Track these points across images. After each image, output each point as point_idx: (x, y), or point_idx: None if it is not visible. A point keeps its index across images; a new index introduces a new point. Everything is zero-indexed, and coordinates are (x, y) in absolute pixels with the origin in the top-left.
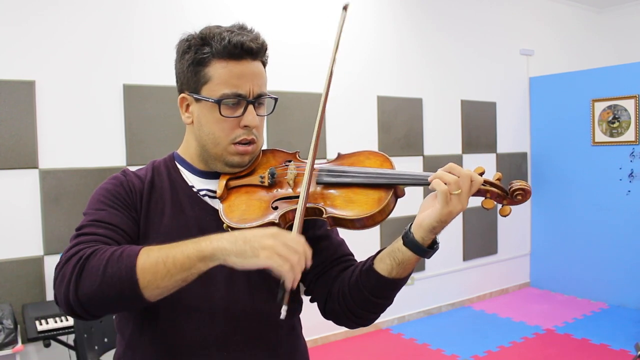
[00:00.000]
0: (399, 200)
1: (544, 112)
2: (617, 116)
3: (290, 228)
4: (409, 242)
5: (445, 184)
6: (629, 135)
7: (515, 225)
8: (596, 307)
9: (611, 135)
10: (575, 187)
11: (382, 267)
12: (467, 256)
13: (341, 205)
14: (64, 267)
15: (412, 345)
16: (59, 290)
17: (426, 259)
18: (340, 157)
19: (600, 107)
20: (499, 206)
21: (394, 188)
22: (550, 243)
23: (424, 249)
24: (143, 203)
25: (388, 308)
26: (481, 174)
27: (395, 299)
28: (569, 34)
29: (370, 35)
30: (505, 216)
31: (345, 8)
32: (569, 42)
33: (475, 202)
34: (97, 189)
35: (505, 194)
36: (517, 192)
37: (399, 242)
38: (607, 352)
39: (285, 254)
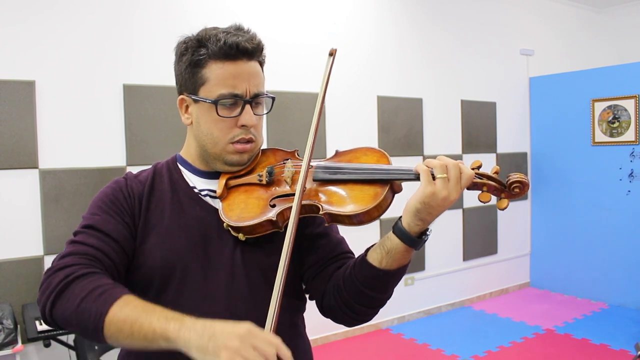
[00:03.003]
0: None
1: (544, 112)
2: (617, 116)
3: (287, 227)
4: (397, 228)
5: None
6: (629, 135)
7: (515, 225)
8: (596, 307)
9: (611, 135)
10: (575, 187)
11: (373, 256)
12: (467, 256)
13: (337, 201)
14: (52, 276)
15: (412, 345)
16: (40, 297)
17: (426, 262)
18: (337, 154)
19: (600, 107)
20: (496, 199)
21: (390, 183)
22: (550, 243)
23: (410, 237)
24: (142, 207)
25: (388, 308)
26: (478, 168)
27: (395, 299)
28: (569, 34)
29: (370, 35)
30: (502, 209)
31: (331, 54)
32: (569, 42)
33: (474, 201)
34: (98, 192)
35: (502, 187)
36: (515, 185)
37: (390, 230)
38: (607, 352)
39: (250, 358)
